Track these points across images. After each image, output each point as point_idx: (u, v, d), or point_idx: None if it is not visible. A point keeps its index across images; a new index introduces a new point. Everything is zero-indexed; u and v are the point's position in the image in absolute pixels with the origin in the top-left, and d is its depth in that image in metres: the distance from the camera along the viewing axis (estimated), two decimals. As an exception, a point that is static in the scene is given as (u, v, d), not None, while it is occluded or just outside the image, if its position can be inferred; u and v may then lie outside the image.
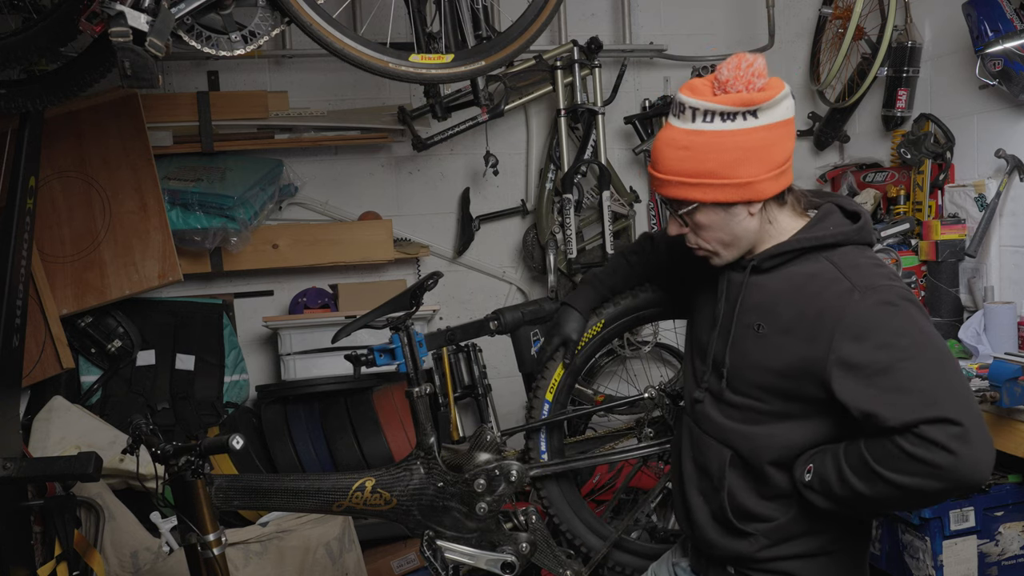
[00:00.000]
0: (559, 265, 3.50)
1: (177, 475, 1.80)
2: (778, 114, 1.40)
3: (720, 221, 1.45)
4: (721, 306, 1.54)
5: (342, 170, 3.66)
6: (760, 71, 1.38)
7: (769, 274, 1.49)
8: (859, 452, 1.37)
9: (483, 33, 2.57)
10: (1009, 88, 2.89)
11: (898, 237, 3.32)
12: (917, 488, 1.30)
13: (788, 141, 1.43)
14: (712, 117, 1.39)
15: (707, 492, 1.58)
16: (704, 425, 1.59)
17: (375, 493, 2.03)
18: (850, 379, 1.35)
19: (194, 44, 2.01)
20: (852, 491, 1.37)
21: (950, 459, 1.26)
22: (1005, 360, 2.39)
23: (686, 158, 1.41)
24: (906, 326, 1.35)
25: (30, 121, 2.60)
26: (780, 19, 3.80)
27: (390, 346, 2.16)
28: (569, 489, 2.20)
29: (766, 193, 1.43)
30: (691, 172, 1.41)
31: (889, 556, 2.73)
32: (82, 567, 2.56)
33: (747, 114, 1.38)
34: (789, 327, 1.43)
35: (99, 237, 3.08)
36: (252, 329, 3.57)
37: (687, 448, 1.64)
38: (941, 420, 1.27)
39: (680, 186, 1.43)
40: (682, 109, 1.41)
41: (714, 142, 1.39)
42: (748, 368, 1.49)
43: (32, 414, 2.89)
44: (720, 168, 1.39)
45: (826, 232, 1.46)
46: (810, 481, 1.44)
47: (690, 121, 1.41)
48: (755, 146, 1.39)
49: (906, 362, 1.32)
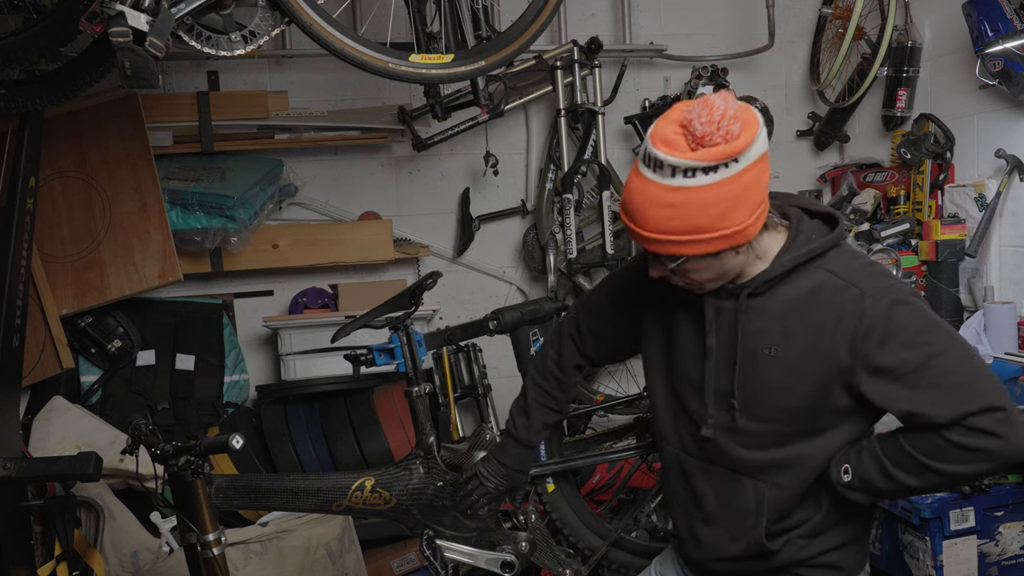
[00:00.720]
0: (559, 265, 3.50)
1: (177, 475, 1.80)
2: (756, 152, 1.33)
3: (708, 265, 1.41)
4: (713, 337, 1.50)
5: (342, 170, 3.66)
6: (735, 115, 1.30)
7: (764, 296, 1.46)
8: (902, 447, 1.40)
9: (483, 33, 2.57)
10: (1009, 88, 2.89)
11: (898, 237, 3.32)
12: (972, 473, 1.38)
13: (766, 174, 1.37)
14: (694, 173, 1.30)
15: (739, 530, 1.54)
16: (723, 461, 1.54)
17: (375, 493, 2.03)
18: (882, 382, 1.37)
19: (194, 44, 2.01)
20: (899, 484, 1.42)
21: (1000, 443, 1.32)
22: (1005, 360, 2.39)
23: (672, 216, 1.33)
24: (925, 322, 1.38)
25: (30, 121, 2.60)
26: (780, 19, 3.80)
27: (389, 346, 2.16)
28: (569, 488, 2.20)
29: (753, 234, 1.38)
30: (679, 230, 1.34)
31: (889, 556, 2.73)
32: (82, 567, 2.56)
33: (730, 162, 1.31)
34: (807, 343, 1.42)
35: (99, 237, 3.08)
36: (252, 329, 3.57)
37: (703, 487, 1.58)
38: (986, 409, 1.32)
39: (668, 244, 1.37)
40: (659, 165, 1.32)
41: (700, 198, 1.32)
42: (768, 393, 1.46)
43: (32, 414, 2.89)
44: (708, 223, 1.33)
45: (813, 245, 1.44)
46: (850, 481, 1.45)
47: (670, 177, 1.32)
48: (740, 192, 1.33)
49: (936, 358, 1.35)
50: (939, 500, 2.55)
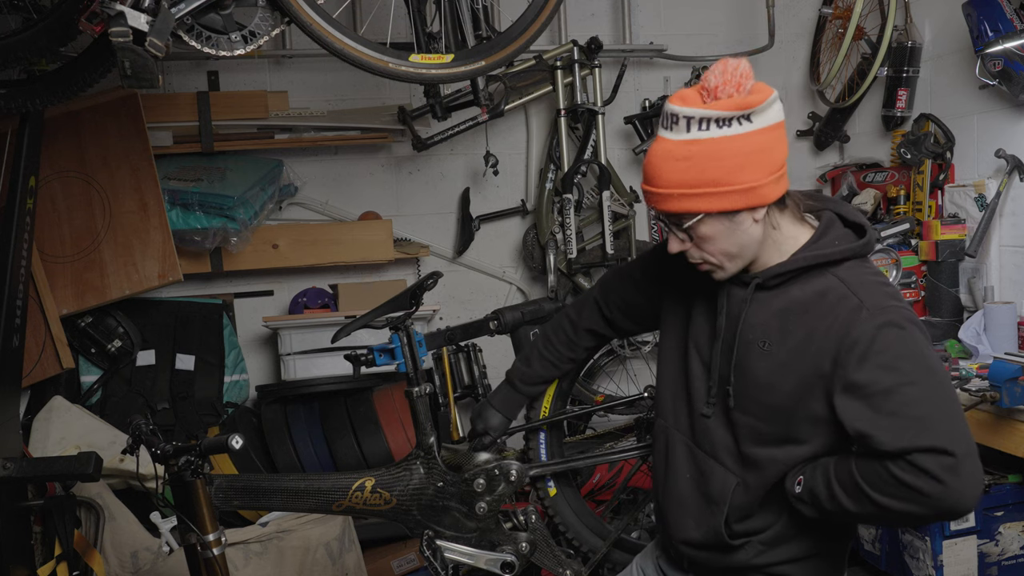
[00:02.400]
0: (559, 265, 3.50)
1: (177, 475, 1.80)
2: (771, 117, 1.37)
3: (725, 231, 1.40)
4: (722, 320, 1.51)
5: (342, 170, 3.66)
6: (747, 73, 1.36)
7: (774, 291, 1.46)
8: (849, 471, 1.37)
9: (483, 33, 2.57)
10: (1009, 88, 2.89)
11: (898, 237, 3.32)
12: (902, 512, 1.32)
13: (783, 144, 1.40)
14: (708, 124, 1.34)
15: (701, 513, 1.56)
16: (706, 445, 1.56)
17: (375, 493, 2.03)
18: (850, 398, 1.36)
19: (194, 44, 2.01)
20: (840, 507, 1.39)
21: (938, 488, 1.27)
22: (1005, 360, 2.39)
23: (686, 169, 1.35)
24: (910, 350, 1.34)
25: (30, 121, 2.60)
26: (780, 19, 3.80)
27: (390, 346, 2.16)
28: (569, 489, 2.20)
29: (770, 197, 1.39)
30: (693, 183, 1.36)
31: (889, 556, 2.73)
32: (82, 567, 2.56)
33: (742, 119, 1.34)
34: (798, 345, 1.42)
35: (99, 237, 3.08)
36: (252, 329, 3.57)
37: (682, 466, 1.60)
38: (934, 450, 1.27)
39: (683, 198, 1.38)
40: (675, 120, 1.36)
41: (713, 149, 1.34)
42: (753, 387, 1.47)
43: (32, 414, 2.89)
44: (723, 175, 1.35)
45: (833, 249, 1.43)
46: (800, 493, 1.45)
47: (685, 131, 1.35)
48: (754, 150, 1.35)
49: (906, 387, 1.32)
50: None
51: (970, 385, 2.49)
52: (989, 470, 2.65)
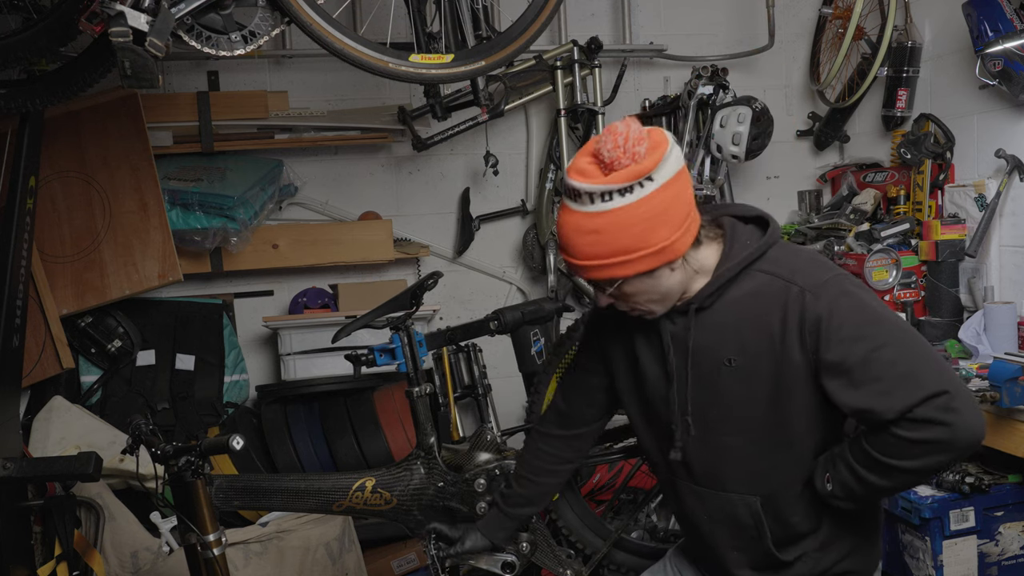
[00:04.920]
0: (559, 265, 3.50)
1: (177, 475, 1.80)
2: (670, 170, 1.37)
3: (646, 286, 1.43)
4: (672, 359, 1.52)
5: (342, 170, 3.66)
6: (639, 137, 1.35)
7: (712, 309, 1.48)
8: (864, 449, 1.39)
9: (483, 33, 2.57)
10: (1009, 88, 2.89)
11: (898, 237, 3.32)
12: (930, 466, 1.36)
13: (687, 190, 1.40)
14: (610, 196, 1.35)
15: (745, 545, 1.56)
16: (707, 482, 1.56)
17: (375, 493, 2.03)
18: (833, 378, 1.38)
19: (194, 44, 2.01)
20: (873, 487, 1.41)
21: (947, 432, 1.30)
22: (1005, 360, 2.39)
23: (596, 242, 1.38)
24: (866, 315, 1.38)
25: (30, 121, 2.60)
26: (780, 19, 3.80)
27: (390, 346, 2.16)
28: (569, 489, 2.20)
29: (682, 249, 1.41)
30: (606, 254, 1.38)
31: (889, 556, 2.73)
32: (82, 567, 2.56)
33: (643, 182, 1.35)
34: (761, 348, 1.43)
35: (99, 237, 3.08)
36: (252, 329, 3.56)
37: (700, 509, 1.59)
38: (927, 398, 1.30)
39: (600, 268, 1.41)
40: (577, 194, 1.38)
41: (619, 220, 1.36)
42: (735, 405, 1.48)
43: (32, 414, 2.89)
44: (633, 242, 1.36)
45: (746, 252, 1.46)
46: (833, 490, 1.46)
47: (589, 204, 1.37)
48: (660, 211, 1.36)
49: (879, 350, 1.34)
50: (939, 500, 2.55)
51: (970, 385, 2.49)
52: (989, 470, 2.65)
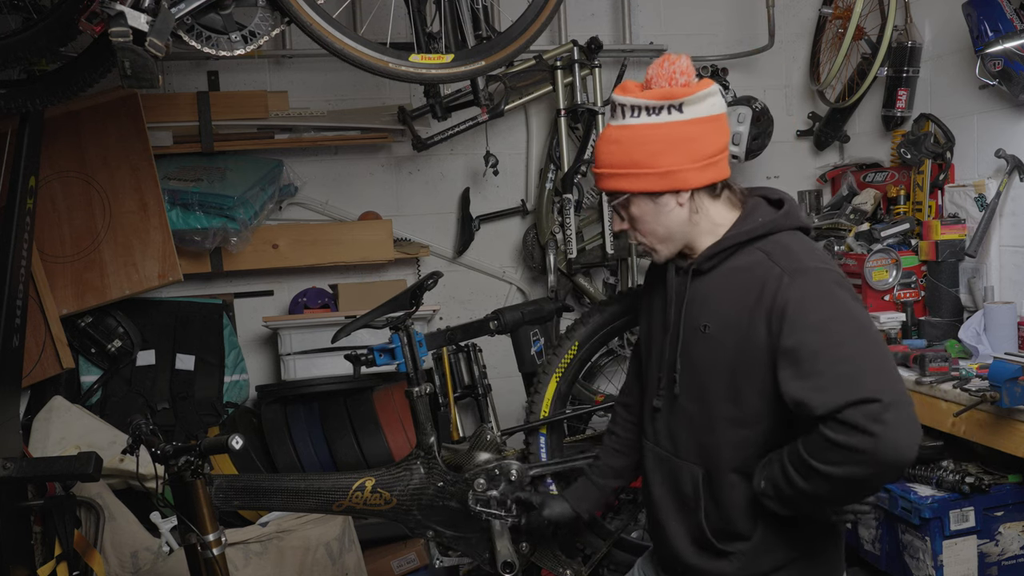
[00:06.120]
0: (559, 265, 3.50)
1: (177, 475, 1.80)
2: (703, 109, 1.47)
3: (651, 212, 1.52)
4: (671, 311, 1.57)
5: (342, 170, 3.66)
6: (683, 69, 1.47)
7: (709, 274, 1.52)
8: (797, 450, 1.36)
9: (483, 33, 2.57)
10: (1009, 88, 2.89)
11: (898, 237, 3.32)
12: (845, 477, 1.29)
13: (716, 136, 1.49)
14: (638, 112, 1.48)
15: (684, 515, 1.58)
16: (665, 444, 1.59)
17: (375, 493, 2.03)
18: (784, 365, 1.36)
19: (194, 44, 2.01)
20: (796, 490, 1.37)
21: (869, 441, 1.23)
22: (1005, 360, 2.39)
23: (615, 151, 1.50)
24: (836, 310, 1.36)
25: (30, 121, 2.60)
26: (780, 19, 3.80)
27: (390, 346, 2.16)
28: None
29: (690, 183, 1.48)
30: (619, 164, 1.50)
31: (889, 556, 2.73)
32: (82, 567, 2.56)
33: (671, 108, 1.46)
34: (730, 322, 1.45)
35: (99, 237, 3.08)
36: (252, 329, 3.56)
37: (654, 472, 1.63)
38: (860, 401, 1.25)
39: (611, 178, 1.52)
40: (615, 108, 1.52)
41: (639, 135, 1.48)
42: (699, 372, 1.51)
43: (32, 414, 2.89)
44: (644, 158, 1.47)
45: (755, 224, 1.50)
46: (764, 488, 1.43)
47: (621, 118, 1.50)
48: (678, 138, 1.46)
49: (833, 347, 1.32)
50: (939, 500, 2.55)
51: (970, 385, 2.49)
52: (989, 470, 2.65)
